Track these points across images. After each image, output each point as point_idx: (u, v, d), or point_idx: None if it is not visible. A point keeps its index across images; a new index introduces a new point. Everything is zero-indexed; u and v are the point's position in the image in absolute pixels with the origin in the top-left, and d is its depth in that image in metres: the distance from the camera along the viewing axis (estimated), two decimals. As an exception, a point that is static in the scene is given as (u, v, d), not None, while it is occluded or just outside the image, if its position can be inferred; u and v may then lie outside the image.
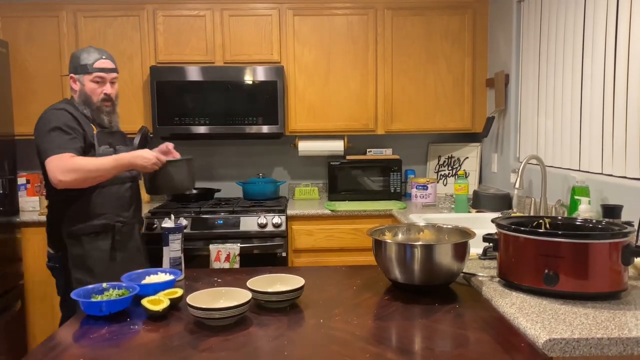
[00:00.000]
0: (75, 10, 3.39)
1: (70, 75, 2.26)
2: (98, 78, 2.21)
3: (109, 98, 2.24)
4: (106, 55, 2.26)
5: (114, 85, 2.27)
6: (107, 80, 2.24)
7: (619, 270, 1.39)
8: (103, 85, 2.23)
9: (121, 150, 2.27)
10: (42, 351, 1.22)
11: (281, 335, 1.28)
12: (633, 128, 2.02)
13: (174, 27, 3.42)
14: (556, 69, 2.63)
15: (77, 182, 2.09)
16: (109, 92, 2.24)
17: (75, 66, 2.24)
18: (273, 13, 3.45)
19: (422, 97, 3.55)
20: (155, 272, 1.65)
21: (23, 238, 3.18)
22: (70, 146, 2.10)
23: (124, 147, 2.32)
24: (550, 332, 1.18)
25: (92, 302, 1.41)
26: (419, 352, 1.20)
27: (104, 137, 2.24)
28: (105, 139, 2.25)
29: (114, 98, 2.28)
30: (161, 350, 1.21)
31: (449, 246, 1.53)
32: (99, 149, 2.20)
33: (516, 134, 3.18)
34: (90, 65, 2.20)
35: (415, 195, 3.48)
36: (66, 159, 2.07)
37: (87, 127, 2.21)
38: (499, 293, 1.47)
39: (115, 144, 2.29)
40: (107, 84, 2.24)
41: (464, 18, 3.51)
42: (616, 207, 1.87)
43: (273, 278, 1.56)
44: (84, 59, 2.22)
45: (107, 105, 2.25)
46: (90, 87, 2.21)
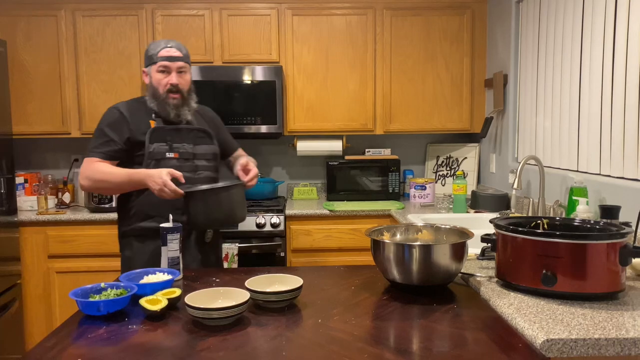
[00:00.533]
0: (73, 9, 3.38)
1: (143, 70, 2.16)
2: (162, 67, 2.07)
3: (175, 89, 2.08)
4: (173, 43, 2.11)
5: (183, 76, 2.11)
6: (173, 69, 2.09)
7: (617, 270, 1.39)
8: (168, 75, 2.08)
9: (180, 149, 2.09)
10: (40, 351, 1.22)
11: (279, 335, 1.28)
12: (631, 129, 2.02)
13: (173, 27, 3.42)
14: (555, 70, 2.63)
15: (92, 189, 2.08)
16: (175, 82, 2.08)
17: (145, 59, 2.14)
18: (272, 13, 3.45)
19: (420, 98, 3.55)
20: (154, 272, 1.65)
21: (21, 237, 3.18)
22: (99, 150, 2.04)
23: (187, 145, 2.11)
24: (548, 332, 1.18)
25: (90, 302, 1.41)
26: (417, 352, 1.20)
27: (161, 134, 2.08)
28: (162, 136, 2.07)
29: (183, 90, 2.11)
30: (159, 350, 1.21)
31: (447, 246, 1.53)
32: (149, 147, 2.05)
33: (514, 135, 3.18)
34: (155, 55, 2.08)
35: (414, 196, 3.48)
36: (88, 164, 2.04)
37: (143, 124, 2.07)
38: (497, 293, 1.47)
39: (176, 141, 2.09)
40: (172, 73, 2.09)
41: (462, 18, 3.52)
42: (614, 208, 1.87)
43: (271, 278, 1.56)
44: (151, 49, 2.11)
45: (174, 97, 2.09)
46: (156, 78, 2.09)
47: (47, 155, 3.78)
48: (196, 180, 2.09)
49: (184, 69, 2.11)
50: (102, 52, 3.41)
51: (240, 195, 2.00)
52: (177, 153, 2.09)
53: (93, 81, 3.42)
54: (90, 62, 3.41)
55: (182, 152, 2.10)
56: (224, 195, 1.94)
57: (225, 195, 1.94)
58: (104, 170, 2.03)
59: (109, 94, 3.43)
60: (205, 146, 2.16)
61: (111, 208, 3.28)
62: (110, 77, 3.43)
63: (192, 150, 2.12)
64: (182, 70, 2.11)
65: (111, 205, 3.28)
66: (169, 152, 2.08)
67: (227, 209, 1.94)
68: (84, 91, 3.42)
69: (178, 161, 2.09)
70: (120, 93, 3.43)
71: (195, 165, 2.12)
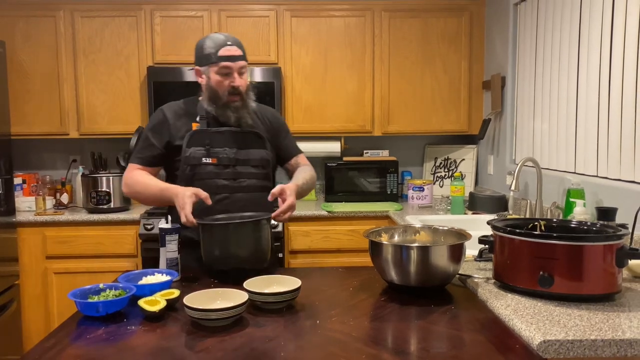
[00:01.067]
0: (72, 10, 3.38)
1: (196, 69, 1.96)
2: (224, 69, 1.89)
3: (237, 91, 1.92)
4: (232, 40, 1.91)
5: (243, 76, 1.94)
6: (234, 70, 1.90)
7: (613, 272, 1.40)
8: (229, 77, 1.90)
9: (220, 154, 1.91)
10: (38, 352, 1.22)
11: (277, 336, 1.29)
12: (628, 131, 2.03)
13: (171, 28, 3.42)
14: (552, 72, 2.64)
15: (131, 197, 1.99)
16: (237, 85, 1.91)
17: (199, 56, 1.93)
18: (270, 14, 3.45)
19: (418, 99, 3.56)
20: (152, 273, 1.65)
21: (19, 238, 3.18)
22: (139, 155, 1.96)
23: (228, 150, 1.92)
24: (544, 333, 1.19)
25: (88, 303, 1.41)
26: (415, 353, 1.20)
27: (200, 137, 1.92)
28: (201, 139, 1.92)
29: (243, 91, 1.94)
30: (158, 351, 1.21)
31: (445, 248, 1.54)
32: (186, 151, 1.91)
33: (512, 136, 3.19)
34: (214, 54, 1.88)
35: (412, 197, 3.49)
36: (129, 171, 1.95)
37: (186, 126, 1.94)
38: (494, 295, 1.48)
39: (216, 145, 1.92)
40: (234, 74, 1.91)
41: (460, 20, 3.53)
42: (611, 210, 1.88)
43: (270, 279, 1.56)
44: (208, 46, 1.90)
45: (234, 99, 1.92)
46: (216, 80, 1.90)
47: (45, 155, 3.78)
48: (237, 189, 1.92)
49: (244, 68, 1.93)
50: (100, 52, 3.41)
51: (263, 232, 1.70)
52: (215, 158, 1.92)
53: (91, 82, 3.42)
54: (88, 63, 3.41)
55: (221, 157, 1.92)
56: (243, 231, 1.66)
57: (244, 231, 1.66)
58: (140, 181, 1.91)
59: (107, 94, 3.43)
60: (252, 150, 1.96)
61: (109, 209, 3.28)
62: (109, 78, 3.43)
63: (235, 155, 1.93)
64: (243, 71, 1.93)
65: (109, 206, 3.28)
66: (205, 157, 1.91)
67: (244, 248, 1.66)
68: (83, 92, 3.42)
69: (216, 167, 1.91)
70: (118, 94, 3.43)
71: (237, 172, 1.94)
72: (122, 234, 3.18)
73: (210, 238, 1.69)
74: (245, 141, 1.96)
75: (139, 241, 3.14)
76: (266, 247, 1.73)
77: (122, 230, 3.18)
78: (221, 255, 1.68)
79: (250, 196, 1.95)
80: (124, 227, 3.19)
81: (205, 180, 1.91)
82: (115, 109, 3.44)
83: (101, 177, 3.30)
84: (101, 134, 3.47)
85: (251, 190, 1.95)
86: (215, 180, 1.92)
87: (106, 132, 3.46)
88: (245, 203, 1.92)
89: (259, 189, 1.97)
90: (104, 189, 3.28)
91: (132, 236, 3.18)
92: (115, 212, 3.27)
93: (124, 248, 3.18)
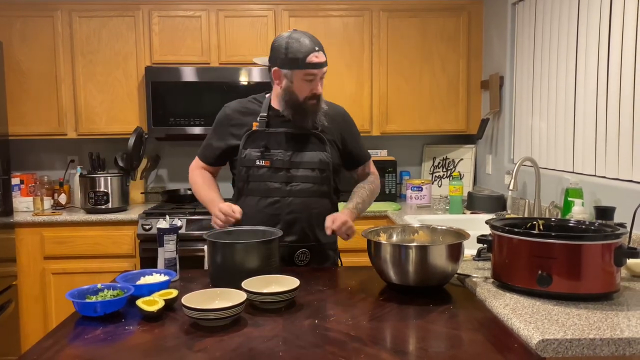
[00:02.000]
0: (70, 10, 3.38)
1: (275, 69, 1.88)
2: (310, 76, 1.82)
3: (316, 97, 1.86)
4: (319, 46, 1.83)
5: (322, 82, 1.87)
6: (319, 76, 1.85)
7: (612, 271, 1.40)
8: (312, 83, 1.84)
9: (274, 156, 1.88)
10: (36, 352, 1.21)
11: (276, 335, 1.28)
12: (626, 130, 2.04)
13: (170, 28, 3.42)
14: (550, 72, 2.64)
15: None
16: (320, 92, 1.86)
17: (282, 58, 1.84)
18: (269, 14, 3.45)
19: (417, 99, 3.56)
20: (150, 273, 1.65)
21: (17, 238, 3.17)
22: (202, 152, 2.03)
23: (284, 152, 1.88)
24: (543, 332, 1.19)
25: (86, 303, 1.41)
26: (414, 353, 1.20)
27: (258, 137, 1.90)
28: (259, 140, 1.89)
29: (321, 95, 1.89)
30: (156, 351, 1.21)
31: (444, 247, 1.54)
32: (242, 152, 1.90)
33: (510, 136, 3.19)
34: (302, 60, 1.80)
35: (410, 197, 3.49)
36: (194, 164, 2.06)
37: (247, 126, 1.92)
38: (493, 294, 1.48)
39: (272, 147, 1.88)
40: (317, 81, 1.84)
41: (459, 20, 3.53)
42: (609, 209, 1.88)
43: (268, 279, 1.56)
44: (293, 50, 1.81)
45: (312, 103, 1.86)
46: (299, 86, 1.84)
47: (43, 156, 3.77)
48: (289, 192, 1.88)
49: (325, 74, 1.87)
50: (98, 52, 3.41)
51: (267, 251, 1.63)
52: (268, 161, 1.87)
53: (89, 82, 3.42)
54: (86, 63, 3.41)
55: (275, 159, 1.88)
56: (251, 249, 1.61)
57: (252, 250, 1.61)
58: (197, 182, 2.01)
59: (105, 94, 3.43)
60: (310, 153, 1.89)
61: (107, 209, 3.27)
62: (107, 78, 3.42)
63: (290, 158, 1.88)
64: (323, 77, 1.87)
65: (107, 207, 3.28)
66: (259, 160, 1.88)
67: (250, 269, 1.59)
68: (80, 92, 3.42)
69: (269, 170, 1.88)
70: (116, 94, 3.43)
71: (291, 175, 1.88)
72: (120, 234, 3.17)
73: (214, 255, 1.64)
74: (304, 143, 1.90)
75: (137, 241, 3.13)
76: (274, 265, 1.66)
77: (120, 230, 3.18)
78: (226, 272, 1.62)
79: (303, 201, 1.89)
80: (122, 228, 3.18)
81: (258, 182, 1.90)
82: (113, 109, 3.44)
83: (99, 177, 3.29)
84: (99, 134, 3.47)
85: (305, 194, 1.90)
86: (267, 183, 1.89)
87: (104, 132, 3.46)
88: (296, 207, 1.88)
89: (314, 193, 1.91)
90: (102, 189, 3.28)
91: (130, 236, 3.17)
92: (113, 213, 3.26)
93: (122, 248, 3.18)
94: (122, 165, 3.38)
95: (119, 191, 3.34)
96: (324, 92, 1.91)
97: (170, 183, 3.86)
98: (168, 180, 3.87)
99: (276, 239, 1.67)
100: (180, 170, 3.85)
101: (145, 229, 3.09)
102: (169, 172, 3.86)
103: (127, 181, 3.43)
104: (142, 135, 3.39)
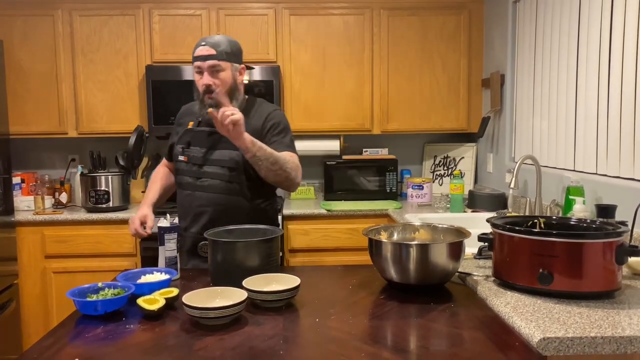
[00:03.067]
0: (70, 9, 3.38)
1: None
2: (196, 68, 1.95)
3: (209, 90, 1.93)
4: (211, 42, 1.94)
5: (218, 75, 1.93)
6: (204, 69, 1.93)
7: (613, 269, 1.39)
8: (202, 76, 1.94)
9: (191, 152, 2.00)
10: (37, 350, 1.21)
11: (277, 334, 1.28)
12: (627, 128, 2.03)
13: (170, 27, 3.42)
14: (551, 70, 2.64)
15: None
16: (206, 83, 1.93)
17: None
18: (269, 13, 3.44)
19: (417, 97, 3.56)
20: (151, 272, 1.65)
21: (18, 237, 3.17)
22: (166, 151, 2.24)
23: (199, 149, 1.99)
24: (544, 331, 1.19)
25: (87, 302, 1.41)
26: (414, 351, 1.20)
27: (185, 135, 2.04)
28: (185, 138, 2.04)
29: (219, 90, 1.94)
30: (156, 350, 1.21)
31: (445, 246, 1.53)
32: (175, 148, 2.08)
33: (511, 134, 3.19)
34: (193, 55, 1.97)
35: (411, 195, 3.49)
36: (158, 166, 2.27)
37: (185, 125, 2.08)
38: (494, 292, 1.48)
39: (193, 144, 2.02)
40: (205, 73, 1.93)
41: (459, 18, 3.52)
42: (610, 207, 1.88)
43: (269, 277, 1.56)
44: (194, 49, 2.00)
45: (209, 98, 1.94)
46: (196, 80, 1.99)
47: (44, 155, 3.77)
48: (198, 187, 1.98)
49: (216, 67, 1.92)
50: (99, 51, 3.40)
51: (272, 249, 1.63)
52: (186, 156, 2.02)
53: (90, 81, 3.42)
54: (87, 62, 3.41)
55: (191, 156, 2.01)
56: (251, 248, 1.61)
57: (253, 248, 1.61)
58: (152, 179, 2.20)
59: (105, 93, 3.43)
60: (223, 151, 1.97)
61: (108, 208, 3.27)
62: (107, 77, 3.42)
63: (203, 155, 1.98)
64: (216, 69, 1.93)
65: (108, 206, 3.28)
66: (181, 155, 2.04)
67: (251, 267, 1.59)
68: (81, 91, 3.42)
69: (187, 165, 2.02)
70: (117, 93, 3.43)
71: (203, 171, 1.98)
72: (121, 233, 3.17)
73: (215, 254, 1.64)
74: (219, 142, 1.96)
75: (138, 240, 3.13)
76: (275, 264, 1.66)
77: (121, 229, 3.18)
78: (227, 272, 1.61)
79: (211, 196, 1.98)
80: (123, 226, 3.18)
81: (180, 176, 2.07)
82: (114, 108, 3.44)
83: (100, 176, 3.29)
84: (100, 133, 3.47)
85: (213, 190, 1.98)
86: (184, 177, 2.04)
87: (105, 131, 3.46)
88: (204, 201, 1.98)
89: (223, 190, 1.97)
90: (102, 188, 3.28)
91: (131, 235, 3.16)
92: (114, 211, 3.26)
93: (123, 247, 3.18)
94: (123, 164, 3.38)
95: (120, 190, 3.34)
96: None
97: (171, 182, 3.86)
98: (169, 179, 3.86)
99: (277, 237, 1.67)
100: (181, 169, 3.85)
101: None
102: (169, 171, 3.86)
103: (128, 180, 3.43)
104: (142, 134, 3.39)
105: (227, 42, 1.96)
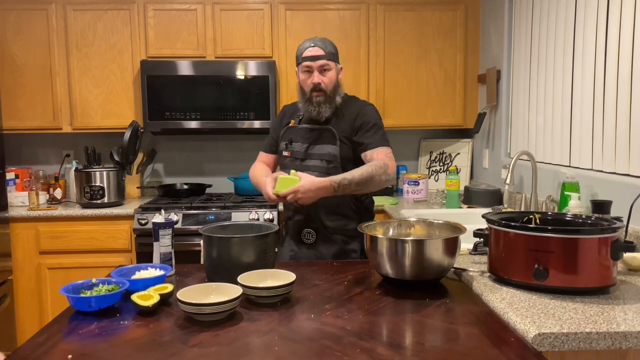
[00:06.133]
0: (64, 3, 3.35)
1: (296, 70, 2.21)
2: (306, 67, 2.09)
3: (318, 88, 2.08)
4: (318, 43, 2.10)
5: (327, 74, 2.09)
6: (314, 68, 2.08)
7: (608, 265, 1.40)
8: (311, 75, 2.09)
9: (294, 148, 2.15)
10: (30, 346, 1.21)
11: (272, 330, 1.28)
12: (623, 124, 2.03)
13: (165, 21, 3.40)
14: (547, 65, 2.64)
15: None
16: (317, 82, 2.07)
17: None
18: (265, 7, 3.43)
19: (414, 93, 3.56)
20: (146, 268, 1.64)
21: (12, 233, 3.16)
22: (264, 144, 2.33)
23: (301, 145, 2.13)
24: (539, 326, 1.19)
25: (81, 298, 1.40)
26: (410, 347, 1.20)
27: (288, 132, 2.19)
28: (288, 134, 2.18)
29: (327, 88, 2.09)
30: (151, 346, 1.21)
31: (440, 241, 1.53)
32: (279, 144, 2.22)
33: (507, 130, 3.19)
34: (300, 56, 2.11)
35: (407, 191, 3.48)
36: (255, 162, 2.31)
37: (287, 124, 2.21)
38: (489, 288, 1.48)
39: (295, 140, 2.16)
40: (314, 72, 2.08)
41: (456, 14, 3.52)
42: (605, 203, 1.88)
43: (264, 273, 1.55)
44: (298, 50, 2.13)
45: (317, 95, 2.09)
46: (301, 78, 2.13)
47: (38, 150, 3.75)
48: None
49: (326, 66, 2.08)
50: (93, 46, 3.38)
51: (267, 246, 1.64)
52: (290, 152, 2.16)
53: (84, 76, 3.40)
54: (81, 57, 3.39)
55: (294, 151, 2.15)
56: (246, 244, 1.60)
57: (248, 244, 1.60)
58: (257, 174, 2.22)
59: (100, 88, 3.41)
60: (323, 146, 2.10)
61: (103, 204, 3.26)
62: (102, 72, 3.40)
63: (305, 150, 2.12)
64: (325, 68, 2.08)
65: (103, 201, 3.26)
66: (285, 151, 2.18)
67: (245, 263, 1.59)
68: (75, 86, 3.40)
69: (290, 160, 2.16)
70: (111, 88, 3.41)
71: (305, 165, 2.11)
72: (116, 228, 3.16)
73: (210, 250, 1.63)
74: (319, 137, 2.11)
75: (133, 236, 3.12)
76: (270, 260, 1.66)
77: (116, 225, 3.17)
78: (222, 268, 1.60)
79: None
80: (118, 222, 3.17)
81: (283, 169, 2.19)
82: (108, 103, 3.42)
83: (95, 171, 3.28)
84: (95, 128, 3.45)
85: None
86: (287, 171, 2.07)
87: (100, 126, 3.44)
88: None
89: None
90: (97, 184, 3.26)
91: (126, 231, 3.16)
92: (109, 207, 3.25)
93: (118, 243, 3.17)
94: (118, 160, 3.36)
95: (115, 186, 3.33)
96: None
97: (166, 177, 3.85)
98: (164, 174, 3.86)
99: (272, 233, 1.66)
100: (177, 165, 3.84)
101: (141, 223, 3.08)
102: (165, 166, 3.85)
103: (123, 176, 3.42)
104: (137, 130, 3.37)
105: (330, 43, 2.12)
